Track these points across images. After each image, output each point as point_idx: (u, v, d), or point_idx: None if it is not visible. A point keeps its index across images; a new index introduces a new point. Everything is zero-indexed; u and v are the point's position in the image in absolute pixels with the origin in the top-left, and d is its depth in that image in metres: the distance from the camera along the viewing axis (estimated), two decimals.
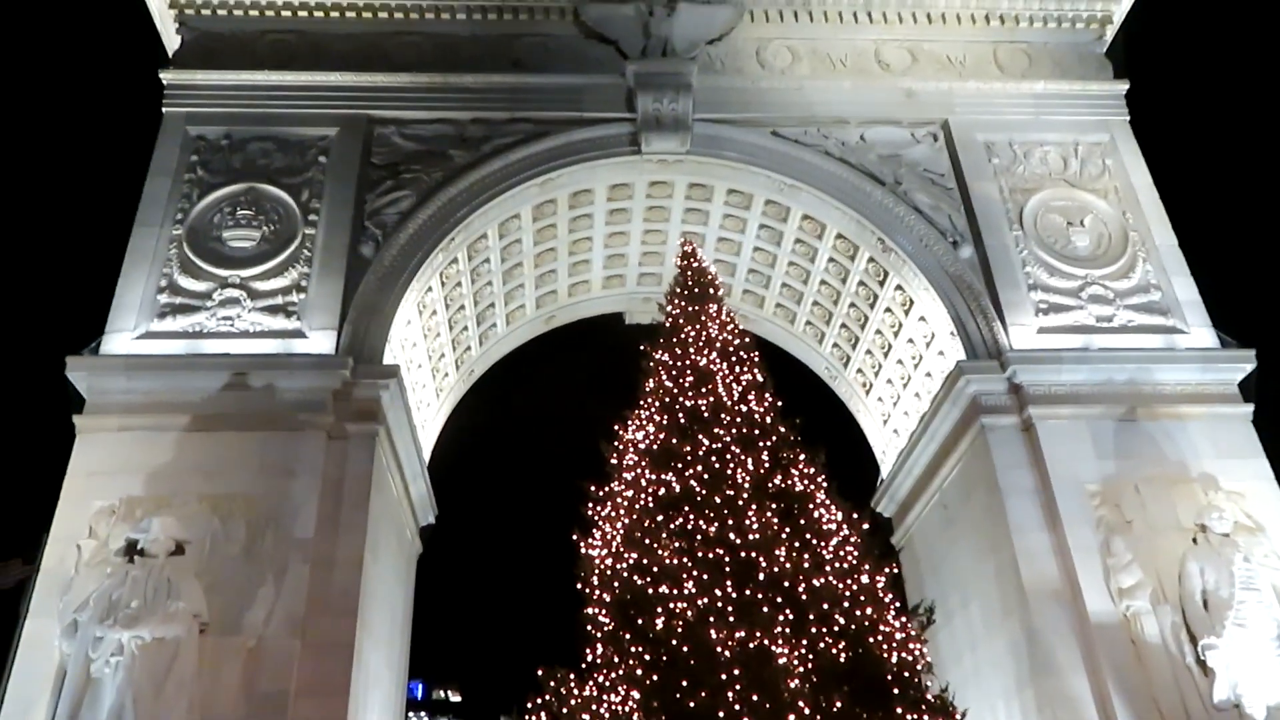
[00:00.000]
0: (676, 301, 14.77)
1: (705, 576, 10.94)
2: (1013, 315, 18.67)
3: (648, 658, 10.54)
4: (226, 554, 15.21)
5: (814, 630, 10.70)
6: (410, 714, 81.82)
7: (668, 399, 13.19)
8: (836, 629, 10.76)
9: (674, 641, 10.50)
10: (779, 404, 13.47)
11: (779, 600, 10.78)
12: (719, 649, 10.27)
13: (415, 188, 19.64)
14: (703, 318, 14.25)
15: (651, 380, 13.74)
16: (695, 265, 15.43)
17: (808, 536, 11.60)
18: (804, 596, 10.89)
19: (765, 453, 12.53)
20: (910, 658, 10.96)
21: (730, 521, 11.47)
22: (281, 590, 15.03)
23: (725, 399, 13.06)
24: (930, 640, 19.43)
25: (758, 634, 10.39)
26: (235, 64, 20.67)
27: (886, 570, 11.96)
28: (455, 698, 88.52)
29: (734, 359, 13.78)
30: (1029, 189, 20.26)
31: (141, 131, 20.32)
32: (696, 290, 14.85)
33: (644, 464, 12.51)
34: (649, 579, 11.11)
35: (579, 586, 11.77)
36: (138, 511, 15.38)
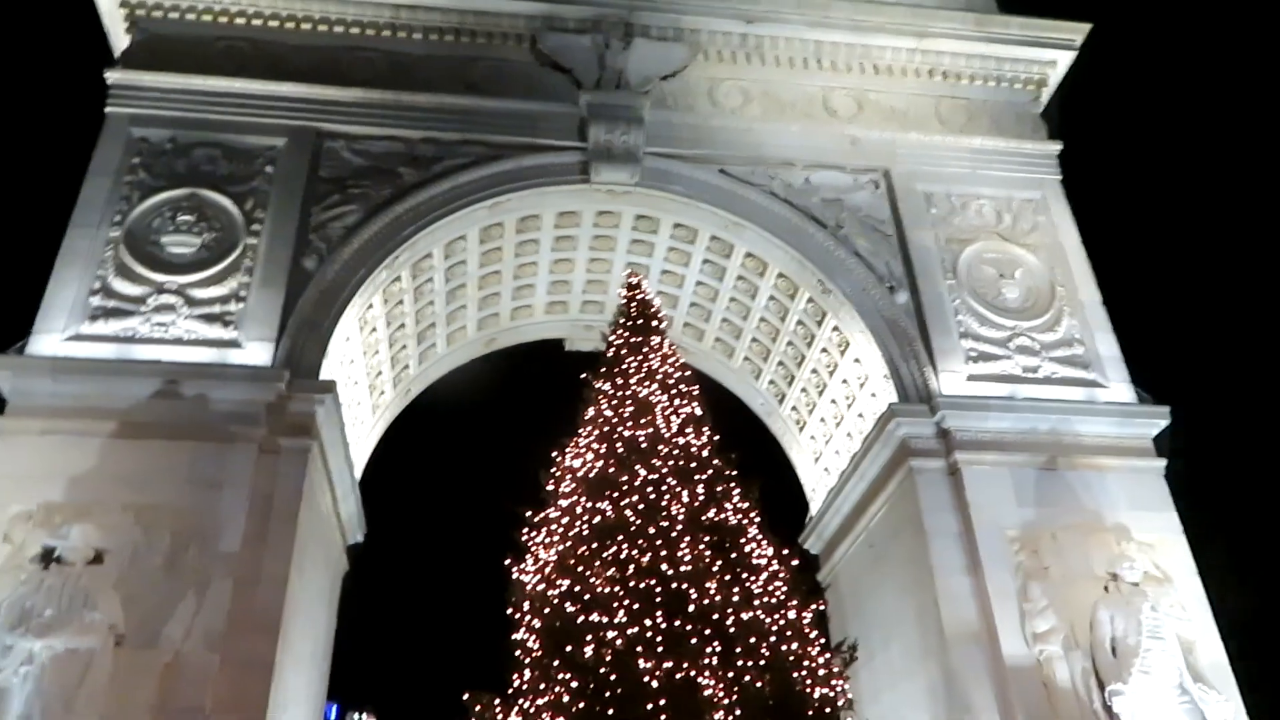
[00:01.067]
0: (620, 332, 14.96)
1: (636, 606, 11.06)
2: (944, 362, 19.21)
3: (575, 685, 10.59)
4: (148, 566, 14.82)
5: (741, 663, 10.86)
6: None
7: (607, 428, 13.34)
8: (763, 663, 10.95)
9: (602, 670, 10.58)
10: (716, 438, 13.71)
11: (708, 632, 10.94)
12: (647, 679, 10.38)
13: (362, 203, 19.54)
14: (645, 349, 14.45)
15: (592, 409, 13.87)
16: (640, 297, 15.64)
17: (739, 570, 11.80)
18: (732, 629, 11.06)
19: (701, 485, 12.73)
20: (832, 694, 11.19)
21: (663, 552, 11.61)
22: (203, 605, 14.70)
23: (664, 431, 13.26)
24: (852, 677, 19.89)
25: (685, 665, 10.53)
26: (185, 67, 20.34)
27: (813, 606, 12.21)
28: None
29: (674, 391, 13.99)
30: (964, 240, 20.91)
31: (82, 132, 19.93)
32: (640, 322, 15.06)
33: (580, 492, 12.62)
34: (580, 606, 11.19)
35: (509, 612, 11.78)
36: (57, 518, 14.93)
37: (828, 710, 10.95)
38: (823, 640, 11.93)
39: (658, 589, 11.25)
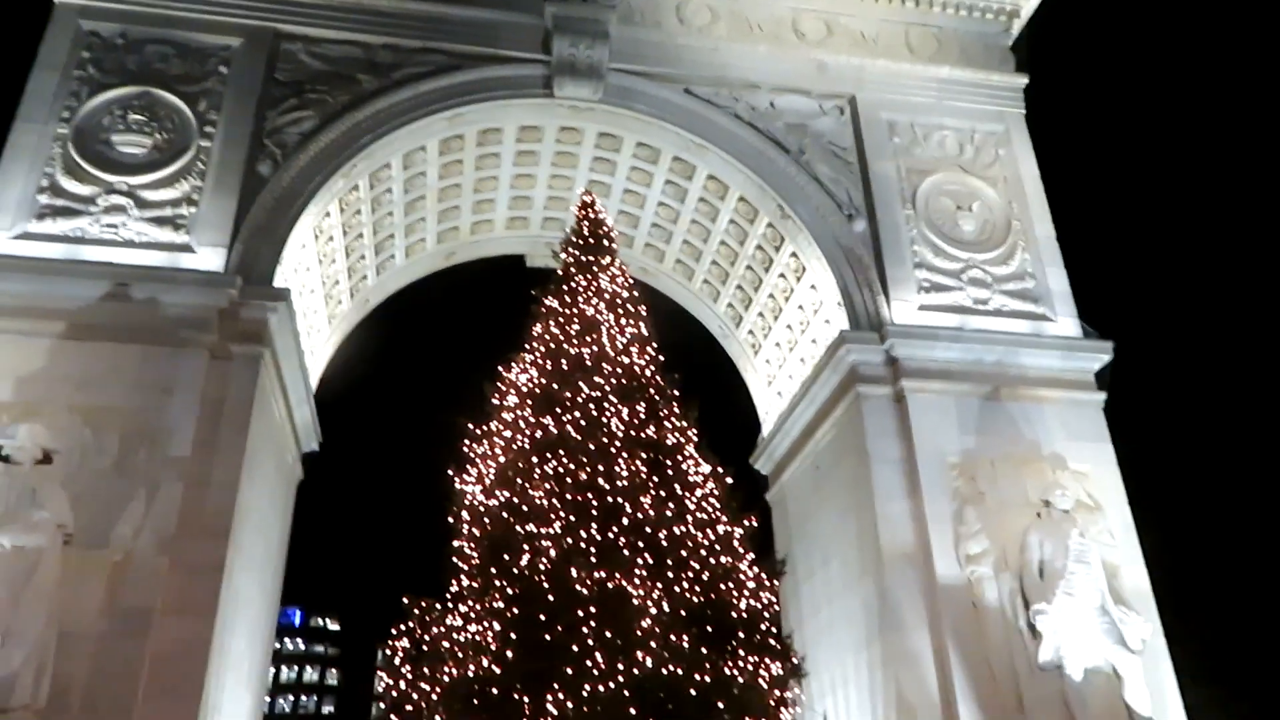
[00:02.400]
0: (571, 251, 15.01)
1: (571, 518, 11.37)
2: (897, 291, 19.43)
3: (510, 592, 10.95)
4: (97, 466, 14.91)
5: (670, 575, 11.26)
6: (287, 640, 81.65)
7: (553, 345, 13.48)
8: (691, 574, 11.35)
9: (537, 578, 10.93)
10: (660, 358, 13.91)
11: (640, 545, 11.29)
12: (579, 587, 10.74)
13: (319, 109, 19.22)
14: (594, 268, 14.54)
15: (539, 326, 14.00)
16: (593, 216, 15.64)
17: (674, 486, 12.13)
18: (664, 543, 11.43)
19: (641, 404, 12.96)
20: (759, 605, 11.64)
21: (600, 467, 11.89)
22: (152, 507, 14.81)
23: (608, 349, 13.42)
24: (793, 593, 20.67)
25: (616, 575, 10.90)
26: None
27: (745, 523, 12.59)
28: (334, 626, 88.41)
29: (620, 311, 14.13)
30: (925, 170, 20.97)
31: (28, 22, 19.32)
32: (592, 241, 15.09)
33: (524, 406, 12.83)
34: (518, 517, 11.48)
35: (449, 520, 12.07)
36: (3, 417, 14.95)
37: (754, 621, 11.40)
38: (752, 555, 12.34)
39: (594, 502, 11.56)
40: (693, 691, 10.33)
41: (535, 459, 12.10)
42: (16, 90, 18.19)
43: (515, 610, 10.77)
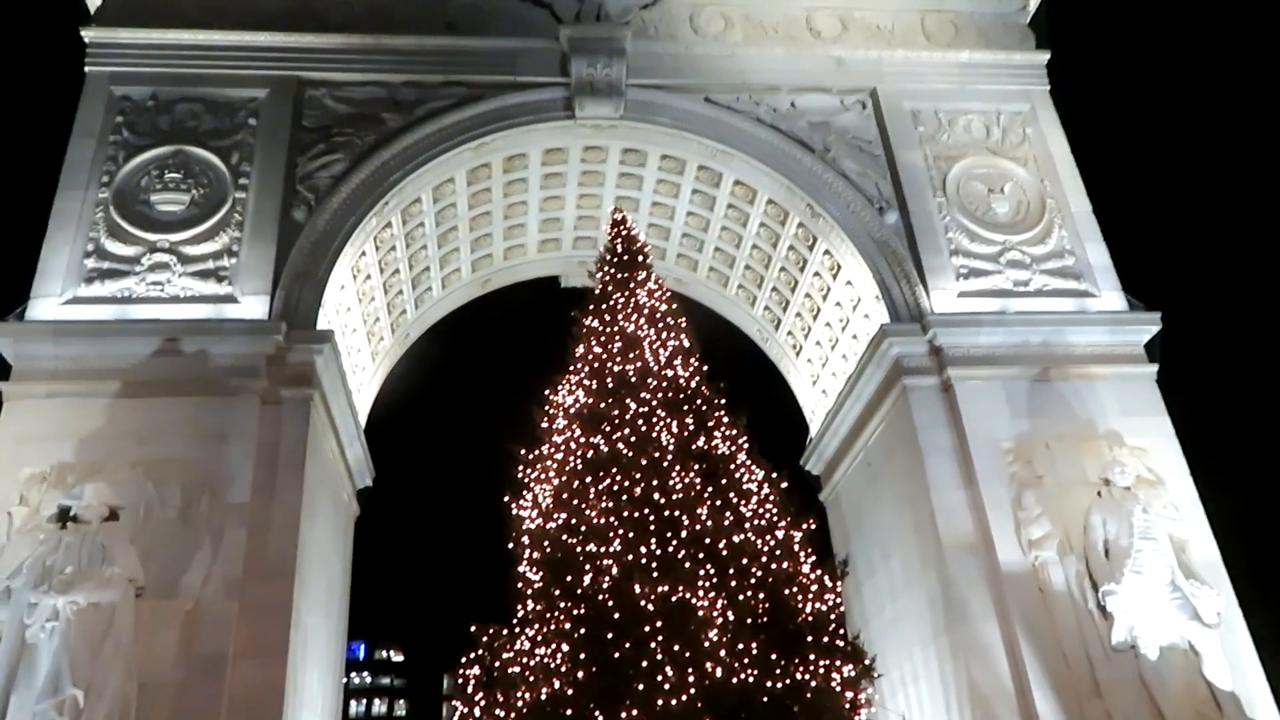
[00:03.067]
0: (606, 269, 15.11)
1: (630, 534, 11.43)
2: (935, 280, 19.32)
3: (576, 612, 11.02)
4: (162, 519, 15.28)
5: (733, 583, 11.27)
6: (353, 674, 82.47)
7: (596, 364, 13.59)
8: (754, 581, 11.35)
9: (601, 596, 10.99)
10: (704, 368, 13.95)
11: (700, 556, 11.33)
12: (643, 602, 10.79)
13: (348, 151, 19.58)
14: (631, 284, 14.63)
15: (581, 346, 14.11)
16: (625, 232, 15.74)
17: (729, 495, 12.16)
18: (724, 552, 11.46)
19: (690, 415, 13.01)
20: (824, 607, 11.60)
21: (655, 482, 11.95)
22: (218, 554, 15.16)
23: (652, 364, 13.50)
24: (855, 592, 20.55)
25: (680, 588, 10.93)
26: (161, 22, 20.21)
27: (804, 525, 12.56)
28: (398, 657, 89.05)
29: (661, 325, 14.20)
30: (953, 156, 20.85)
31: (64, 92, 19.91)
32: (626, 257, 15.19)
33: (574, 427, 12.93)
34: (577, 538, 11.57)
35: (510, 546, 12.18)
36: (69, 478, 15.35)
37: (820, 623, 11.38)
38: (814, 557, 12.31)
39: (651, 517, 11.61)
40: (765, 699, 10.34)
41: (589, 478, 12.19)
42: (57, 159, 18.72)
43: (582, 630, 10.85)
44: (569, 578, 11.27)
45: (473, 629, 11.74)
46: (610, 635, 10.65)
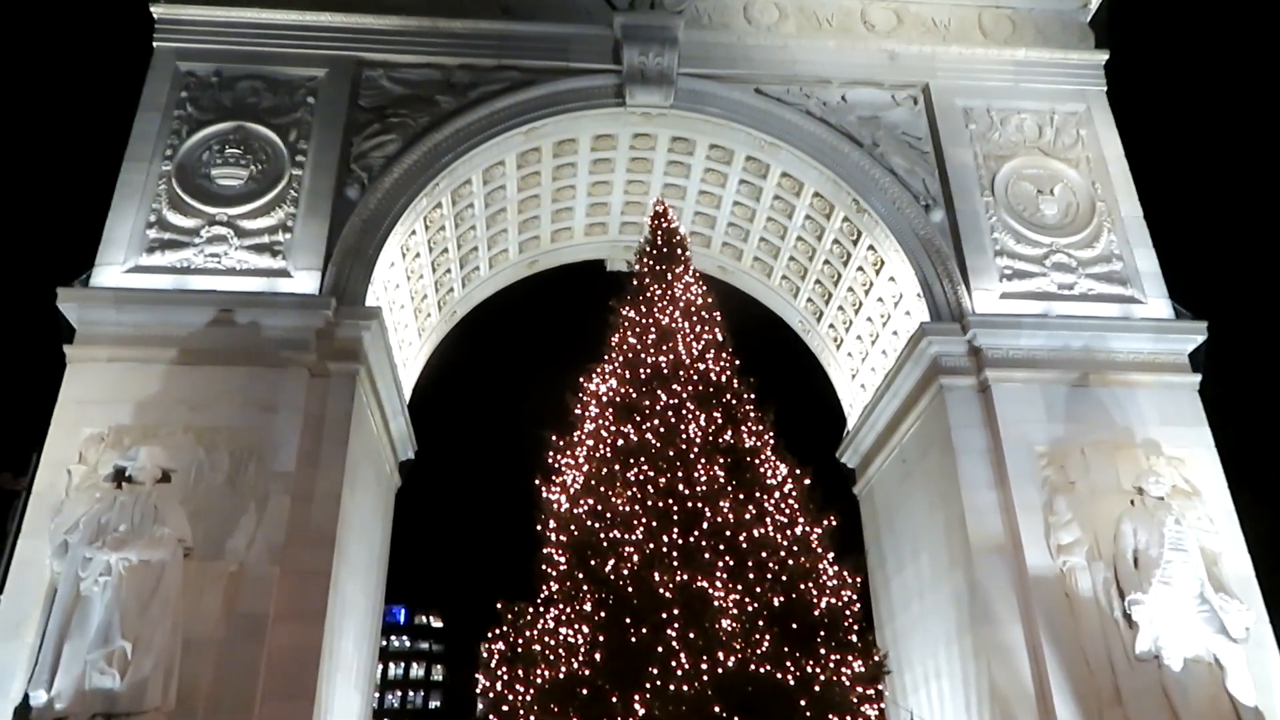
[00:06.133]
0: (645, 260, 15.36)
1: (654, 523, 11.76)
2: (977, 280, 19.25)
3: (597, 596, 11.39)
4: (211, 483, 15.91)
5: (750, 576, 11.55)
6: (393, 637, 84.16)
7: (631, 355, 13.88)
8: (771, 575, 11.61)
9: (621, 582, 11.34)
10: (736, 362, 14.17)
11: (720, 547, 11.62)
12: (661, 590, 11.12)
13: (401, 132, 19.98)
14: (669, 277, 14.86)
15: (617, 335, 14.40)
16: (665, 225, 15.95)
17: (752, 490, 12.41)
18: (744, 545, 11.72)
19: (719, 410, 13.26)
20: (840, 603, 11.83)
21: (680, 474, 12.25)
22: (263, 519, 15.76)
23: (684, 357, 13.75)
24: (884, 587, 20.70)
25: (698, 578, 11.24)
26: (226, 0, 20.81)
27: (825, 522, 12.77)
28: (437, 623, 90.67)
29: (695, 318, 14.43)
30: (1003, 156, 20.69)
31: (132, 66, 20.57)
32: (665, 250, 15.41)
33: (605, 415, 13.25)
34: (603, 524, 11.92)
35: (538, 528, 12.58)
36: (126, 440, 16.03)
37: (834, 619, 11.60)
38: (832, 554, 12.52)
39: (674, 508, 11.92)
40: (775, 689, 10.62)
41: (617, 466, 12.53)
42: (124, 132, 19.40)
43: (602, 613, 11.22)
44: (593, 562, 11.63)
45: (499, 606, 12.17)
46: (628, 620, 11.00)
